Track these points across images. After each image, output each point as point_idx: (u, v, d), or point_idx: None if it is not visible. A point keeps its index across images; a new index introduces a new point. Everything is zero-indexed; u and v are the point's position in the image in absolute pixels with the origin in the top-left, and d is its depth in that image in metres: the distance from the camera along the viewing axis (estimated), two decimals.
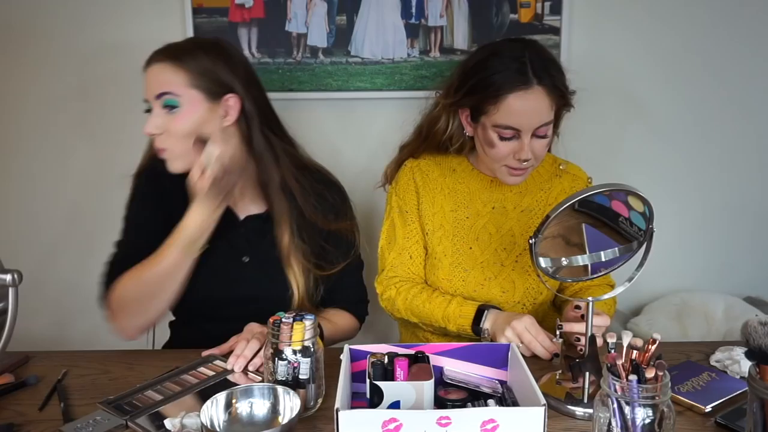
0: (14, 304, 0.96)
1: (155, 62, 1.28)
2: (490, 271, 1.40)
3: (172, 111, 1.26)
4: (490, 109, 1.28)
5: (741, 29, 1.90)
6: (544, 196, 1.43)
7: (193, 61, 1.27)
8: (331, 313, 1.43)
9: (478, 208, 1.42)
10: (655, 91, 1.94)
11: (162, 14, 1.86)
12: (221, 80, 1.28)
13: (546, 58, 1.31)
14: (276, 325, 1.03)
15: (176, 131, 1.27)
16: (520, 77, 1.26)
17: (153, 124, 1.27)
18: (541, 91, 1.26)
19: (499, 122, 1.28)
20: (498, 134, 1.30)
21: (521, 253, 1.40)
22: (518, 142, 1.29)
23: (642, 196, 1.01)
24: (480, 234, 1.41)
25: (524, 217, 1.42)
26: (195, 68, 1.27)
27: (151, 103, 1.28)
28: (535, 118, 1.27)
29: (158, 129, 1.27)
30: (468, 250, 1.41)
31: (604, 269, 1.09)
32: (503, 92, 1.26)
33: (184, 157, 1.29)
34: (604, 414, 0.87)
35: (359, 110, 1.94)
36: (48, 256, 2.00)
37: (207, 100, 1.27)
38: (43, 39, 1.88)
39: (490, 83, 1.28)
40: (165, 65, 1.27)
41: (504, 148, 1.30)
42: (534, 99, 1.26)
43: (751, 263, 2.06)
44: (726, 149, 1.98)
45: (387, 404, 0.98)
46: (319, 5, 1.85)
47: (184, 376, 1.17)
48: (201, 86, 1.27)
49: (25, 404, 1.11)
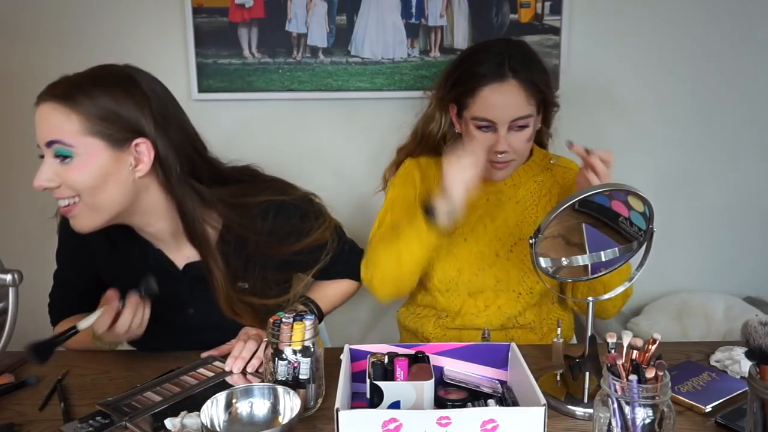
0: (14, 304, 0.95)
1: (44, 102, 1.08)
2: (484, 261, 1.41)
3: (65, 161, 1.08)
4: (468, 102, 1.32)
5: (743, 28, 1.90)
6: (537, 188, 1.45)
7: (89, 103, 1.07)
8: (323, 284, 1.41)
9: (472, 200, 1.43)
10: (655, 91, 1.94)
11: (162, 14, 1.86)
12: (127, 123, 1.09)
13: (527, 56, 1.34)
14: (276, 325, 1.03)
15: (73, 184, 1.09)
16: (497, 70, 1.29)
17: (44, 175, 1.08)
18: (515, 84, 1.29)
19: (476, 114, 1.31)
20: (476, 126, 1.33)
21: (516, 243, 1.41)
22: (495, 134, 1.32)
23: (642, 196, 1.01)
24: (475, 226, 1.42)
25: (519, 208, 1.44)
26: (92, 111, 1.07)
27: (42, 150, 1.09)
28: (510, 111, 1.30)
29: (51, 182, 1.08)
30: (463, 241, 1.42)
31: (604, 269, 1.09)
32: (480, 85, 1.30)
33: (90, 214, 1.12)
34: (604, 414, 0.87)
35: (359, 110, 1.94)
36: (48, 256, 2.00)
37: (109, 148, 1.09)
38: (43, 39, 1.88)
39: (469, 76, 1.32)
40: (55, 107, 1.07)
41: (483, 142, 1.32)
42: (508, 92, 1.29)
43: (751, 263, 2.06)
44: (727, 149, 1.99)
45: (387, 404, 0.98)
46: (319, 5, 1.85)
47: (183, 377, 1.17)
48: (100, 132, 1.07)
49: (25, 404, 1.11)
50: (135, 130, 1.10)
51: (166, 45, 1.88)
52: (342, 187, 1.92)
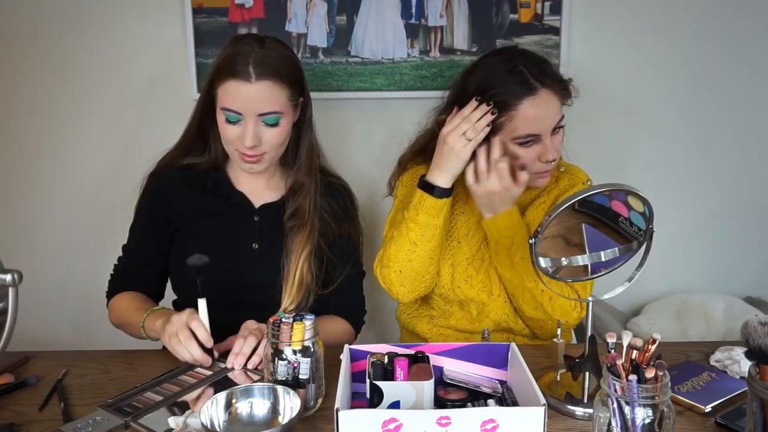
0: (14, 304, 0.95)
1: (264, 79, 1.27)
2: (472, 267, 1.41)
3: (272, 126, 1.30)
4: (504, 125, 1.29)
5: (743, 28, 1.90)
6: (537, 192, 1.43)
7: (291, 76, 1.31)
8: (323, 319, 1.41)
9: (472, 206, 1.42)
10: (655, 91, 1.94)
11: (162, 14, 1.86)
12: (302, 87, 1.35)
13: (535, 60, 1.32)
14: (276, 325, 1.04)
15: (274, 143, 1.32)
16: (524, 86, 1.27)
17: (253, 136, 1.28)
18: (547, 92, 1.28)
19: (518, 134, 1.29)
20: (519, 145, 1.31)
21: None
22: (540, 145, 1.31)
23: (642, 196, 1.01)
24: (471, 229, 1.42)
25: None
26: (293, 82, 1.31)
27: (244, 116, 1.28)
28: (551, 119, 1.29)
29: (258, 141, 1.30)
30: (457, 244, 1.42)
31: (604, 269, 1.09)
32: (513, 106, 1.27)
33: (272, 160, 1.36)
34: (604, 414, 0.87)
35: (359, 110, 1.94)
36: (48, 256, 2.00)
37: (293, 108, 1.34)
38: (44, 40, 1.88)
39: (497, 103, 1.28)
40: (275, 84, 1.28)
41: (528, 156, 1.31)
42: (545, 101, 1.28)
43: (751, 263, 2.06)
44: (726, 149, 1.99)
45: (387, 404, 0.98)
46: (319, 5, 1.85)
47: (183, 377, 1.17)
48: (294, 98, 1.32)
49: (25, 404, 1.11)
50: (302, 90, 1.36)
51: (166, 45, 1.88)
52: None
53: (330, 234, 1.42)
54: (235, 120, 1.29)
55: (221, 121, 1.31)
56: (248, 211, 1.41)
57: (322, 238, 1.40)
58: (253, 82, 1.26)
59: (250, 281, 1.38)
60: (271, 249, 1.39)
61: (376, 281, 1.41)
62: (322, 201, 1.42)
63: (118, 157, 1.93)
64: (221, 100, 1.29)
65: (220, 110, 1.30)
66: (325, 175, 1.47)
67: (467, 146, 1.26)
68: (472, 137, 1.26)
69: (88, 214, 1.99)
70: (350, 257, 1.46)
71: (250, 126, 1.28)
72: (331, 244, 1.42)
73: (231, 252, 1.39)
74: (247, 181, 1.42)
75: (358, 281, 1.50)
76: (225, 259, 1.36)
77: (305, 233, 1.37)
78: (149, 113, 1.88)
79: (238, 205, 1.41)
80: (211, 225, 1.40)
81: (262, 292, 1.36)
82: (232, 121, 1.29)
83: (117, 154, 1.92)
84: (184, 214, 1.41)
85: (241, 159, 1.33)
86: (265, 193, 1.43)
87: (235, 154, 1.33)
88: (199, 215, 1.41)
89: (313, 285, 1.37)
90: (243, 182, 1.43)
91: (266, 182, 1.43)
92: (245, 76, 1.26)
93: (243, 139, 1.29)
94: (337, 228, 1.43)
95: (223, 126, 1.31)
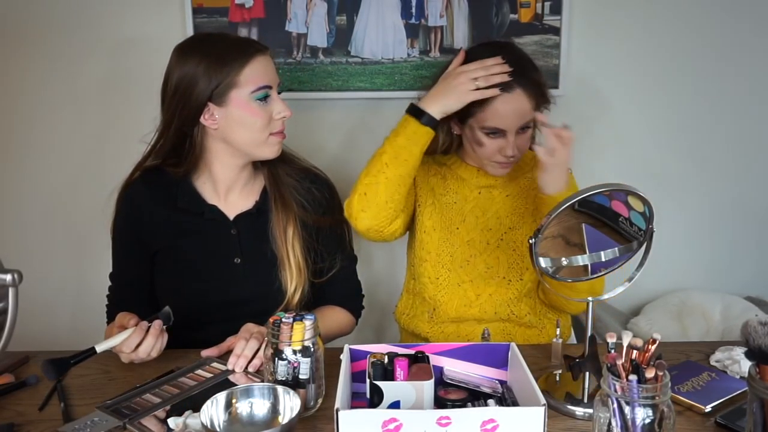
0: (14, 304, 0.95)
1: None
2: (475, 248, 1.45)
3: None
4: (476, 112, 1.35)
5: (743, 29, 1.90)
6: (528, 183, 1.48)
7: None
8: (323, 310, 1.43)
9: (465, 193, 1.48)
10: (656, 90, 1.94)
11: (162, 14, 1.85)
12: None
13: (522, 60, 1.37)
14: (276, 325, 1.03)
15: None
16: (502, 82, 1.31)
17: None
18: (521, 93, 1.34)
19: (486, 125, 1.36)
20: (485, 134, 1.38)
21: (506, 232, 1.45)
22: (504, 139, 1.37)
23: (642, 196, 1.01)
24: (467, 216, 1.46)
25: (509, 201, 1.47)
26: None
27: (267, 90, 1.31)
28: (519, 119, 1.35)
29: None
30: (455, 230, 1.46)
31: (604, 269, 1.09)
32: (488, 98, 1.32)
33: None
34: (604, 414, 0.87)
35: (359, 110, 1.94)
36: (48, 256, 2.00)
37: None
38: (43, 40, 1.88)
39: None
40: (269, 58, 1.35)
41: (491, 147, 1.38)
42: (517, 101, 1.34)
43: (751, 263, 2.06)
44: (727, 149, 1.98)
45: (387, 404, 0.98)
46: (319, 5, 1.85)
47: (182, 378, 1.17)
48: None
49: (25, 404, 1.11)
50: None
51: (166, 45, 1.88)
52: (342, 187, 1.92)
53: (312, 221, 1.40)
54: None
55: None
56: (224, 225, 1.38)
57: (306, 228, 1.39)
58: None
59: (241, 297, 1.37)
60: (255, 261, 1.38)
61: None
62: (300, 185, 1.41)
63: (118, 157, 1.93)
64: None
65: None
66: (300, 160, 1.46)
67: (472, 91, 1.30)
68: (481, 85, 1.29)
69: (89, 213, 1.98)
70: (338, 246, 1.45)
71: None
72: (317, 232, 1.42)
73: (214, 271, 1.37)
74: (217, 192, 1.38)
75: (352, 270, 1.50)
76: (208, 280, 1.36)
77: (284, 212, 1.36)
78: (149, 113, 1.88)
79: (213, 220, 1.37)
80: (190, 246, 1.38)
81: (254, 305, 1.35)
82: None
83: (117, 154, 1.92)
84: (160, 236, 1.38)
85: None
86: (237, 203, 1.39)
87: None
88: (175, 236, 1.38)
89: (306, 271, 1.37)
90: (212, 194, 1.39)
91: (240, 188, 1.39)
92: None
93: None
94: (320, 217, 1.42)
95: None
